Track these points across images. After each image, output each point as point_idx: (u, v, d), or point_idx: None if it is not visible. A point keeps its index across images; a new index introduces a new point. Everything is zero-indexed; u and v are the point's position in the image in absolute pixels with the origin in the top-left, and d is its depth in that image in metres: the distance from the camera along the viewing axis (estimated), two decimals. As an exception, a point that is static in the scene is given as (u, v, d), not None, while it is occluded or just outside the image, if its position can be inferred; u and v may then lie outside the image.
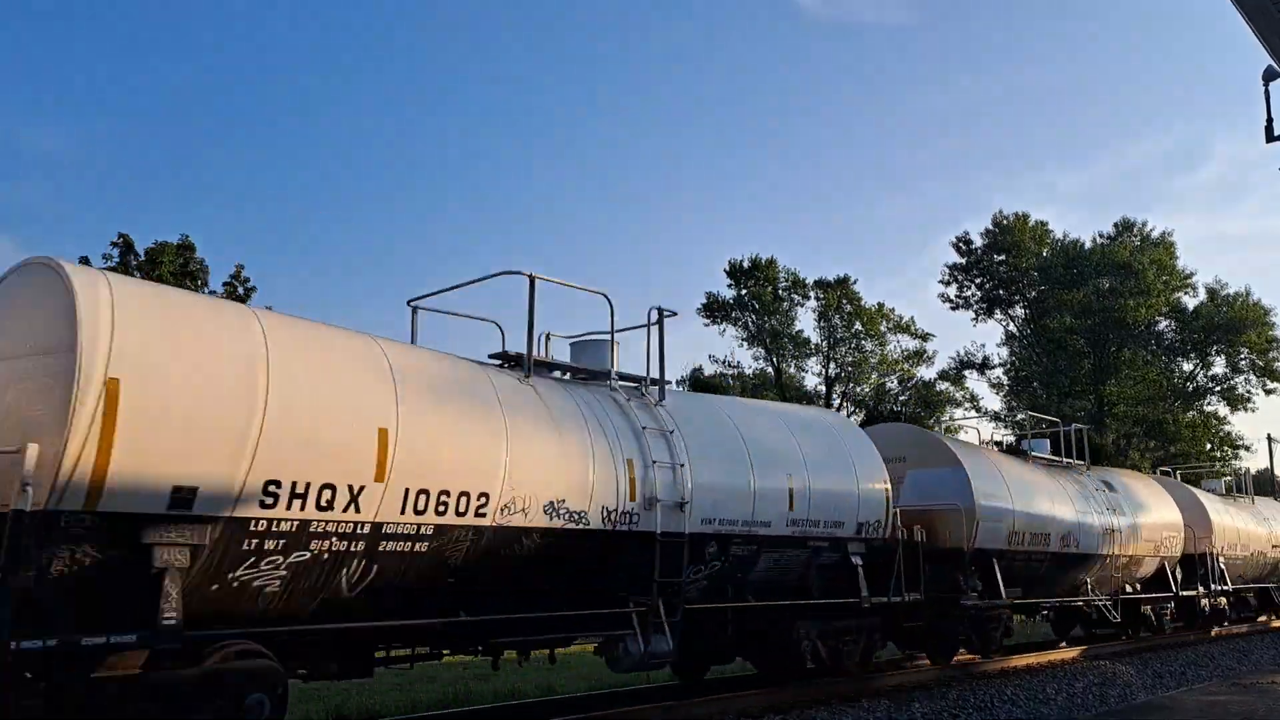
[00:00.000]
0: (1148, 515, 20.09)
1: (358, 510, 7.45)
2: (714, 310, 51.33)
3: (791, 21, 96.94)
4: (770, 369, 50.96)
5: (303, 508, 7.12)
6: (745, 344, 51.43)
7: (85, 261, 33.37)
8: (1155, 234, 51.37)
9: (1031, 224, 52.03)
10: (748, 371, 51.97)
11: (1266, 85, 12.07)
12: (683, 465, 10.25)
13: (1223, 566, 22.94)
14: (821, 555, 12.10)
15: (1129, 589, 19.80)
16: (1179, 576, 21.41)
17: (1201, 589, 22.01)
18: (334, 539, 7.37)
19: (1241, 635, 23.99)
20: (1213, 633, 23.47)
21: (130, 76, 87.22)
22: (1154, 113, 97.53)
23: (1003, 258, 51.98)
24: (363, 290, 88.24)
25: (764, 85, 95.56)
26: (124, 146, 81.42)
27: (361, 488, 7.45)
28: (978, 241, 52.65)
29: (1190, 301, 50.73)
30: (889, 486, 13.03)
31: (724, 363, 51.88)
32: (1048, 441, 20.00)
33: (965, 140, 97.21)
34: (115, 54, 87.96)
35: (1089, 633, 21.17)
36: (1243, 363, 49.57)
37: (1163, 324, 50.42)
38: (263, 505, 6.91)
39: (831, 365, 50.51)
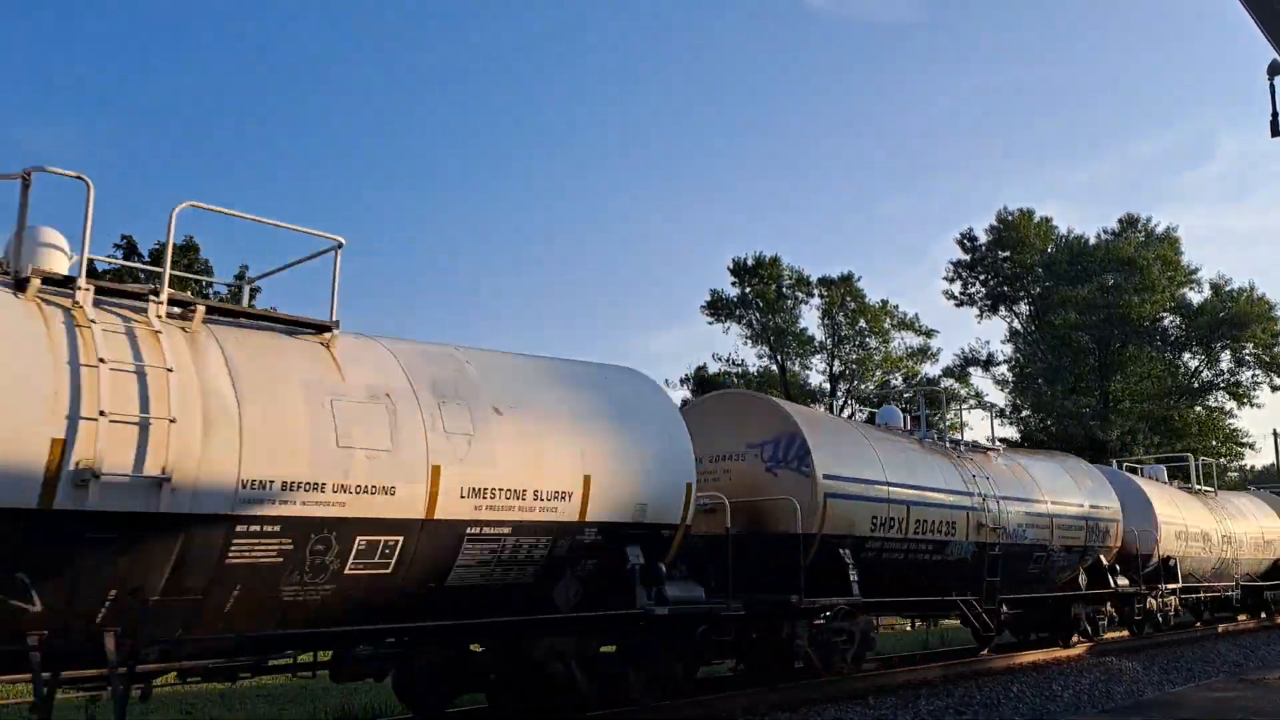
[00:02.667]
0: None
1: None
2: (718, 308, 51.36)
3: (799, 18, 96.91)
4: (774, 367, 50.96)
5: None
6: (749, 342, 51.48)
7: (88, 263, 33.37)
8: (1160, 230, 51.29)
9: (1036, 220, 51.96)
10: (752, 370, 51.99)
11: (1271, 80, 12.00)
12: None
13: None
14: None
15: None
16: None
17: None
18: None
19: (1249, 631, 23.96)
20: (1220, 629, 23.45)
21: (132, 77, 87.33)
22: (1159, 108, 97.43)
23: (1007, 254, 51.91)
24: (363, 290, 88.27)
25: (770, 82, 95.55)
26: (126, 147, 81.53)
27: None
28: (982, 238, 52.62)
29: (1195, 298, 50.65)
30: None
31: (728, 361, 51.92)
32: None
33: (971, 137, 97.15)
34: (117, 55, 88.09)
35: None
36: (1248, 358, 49.45)
37: (1167, 320, 50.30)
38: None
39: (836, 363, 50.51)
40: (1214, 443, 48.65)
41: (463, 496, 8.34)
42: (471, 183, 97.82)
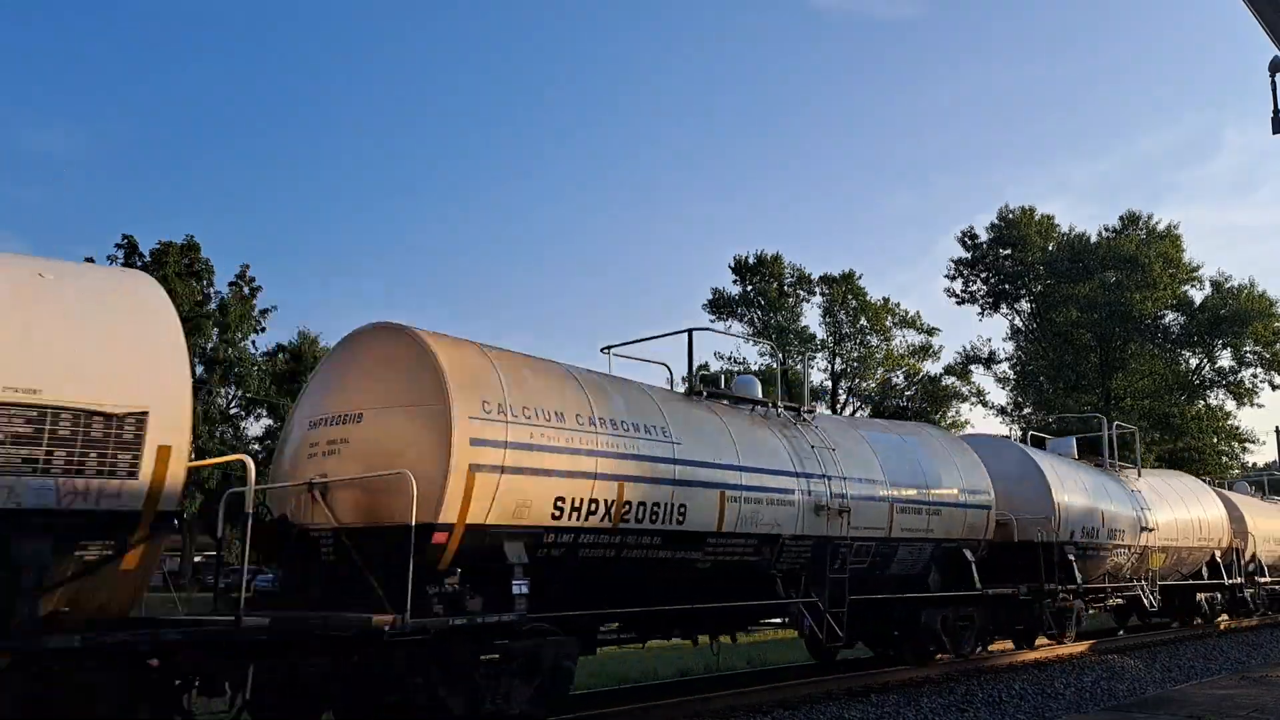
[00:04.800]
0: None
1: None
2: (720, 306, 51.33)
3: (802, 15, 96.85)
4: (775, 365, 50.94)
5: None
6: (751, 340, 51.44)
7: (89, 262, 33.43)
8: (1161, 227, 51.22)
9: (1038, 218, 51.92)
10: (753, 367, 51.97)
11: (1274, 76, 11.99)
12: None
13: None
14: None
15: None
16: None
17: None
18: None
19: (1251, 629, 23.93)
20: (1221, 626, 23.42)
21: (134, 78, 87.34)
22: (1164, 104, 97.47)
23: (1008, 252, 51.88)
24: (363, 289, 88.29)
25: (773, 80, 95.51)
26: (128, 147, 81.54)
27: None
28: (983, 236, 52.58)
29: (1197, 295, 50.59)
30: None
31: (729, 359, 51.91)
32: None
33: (975, 134, 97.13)
34: (119, 56, 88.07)
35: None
36: (1248, 355, 49.39)
37: (1169, 317, 50.25)
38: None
39: (837, 360, 50.47)
40: (1215, 440, 48.63)
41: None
42: (474, 183, 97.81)
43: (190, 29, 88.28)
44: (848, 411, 49.11)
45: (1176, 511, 20.99)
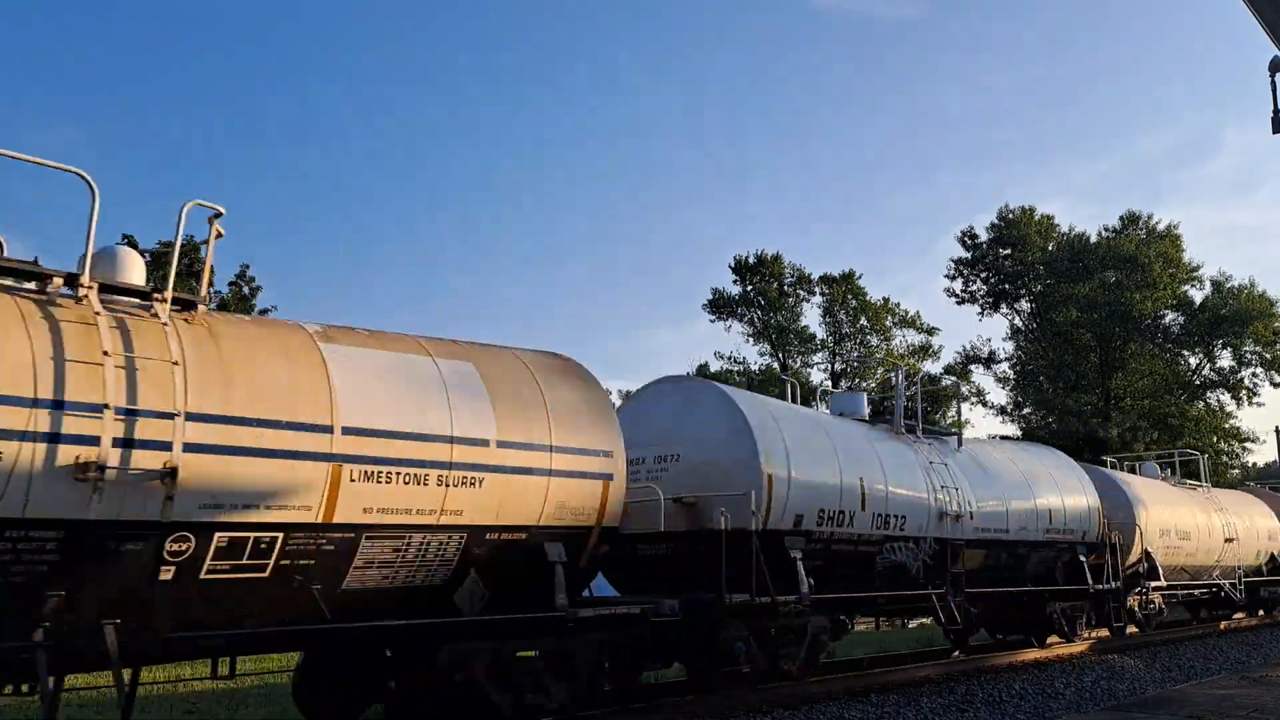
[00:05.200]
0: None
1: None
2: (720, 306, 51.33)
3: (802, 15, 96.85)
4: (776, 364, 50.93)
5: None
6: (751, 340, 51.46)
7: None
8: (1161, 226, 51.21)
9: (1037, 217, 51.90)
10: (753, 367, 51.99)
11: (1273, 76, 11.98)
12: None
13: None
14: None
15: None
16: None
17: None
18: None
19: (1251, 628, 23.94)
20: (1221, 626, 23.43)
21: (134, 77, 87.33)
22: (1165, 104, 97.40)
23: (1008, 252, 51.86)
24: (364, 289, 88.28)
25: (773, 80, 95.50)
26: (128, 147, 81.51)
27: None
28: (983, 235, 52.57)
29: (1197, 295, 50.59)
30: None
31: (729, 359, 51.92)
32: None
33: (974, 134, 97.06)
34: (119, 55, 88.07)
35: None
36: (1248, 355, 49.38)
37: (1169, 317, 50.24)
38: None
39: (837, 360, 50.46)
40: (1215, 439, 48.60)
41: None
42: (474, 182, 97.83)
43: (190, 29, 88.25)
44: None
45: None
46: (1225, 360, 49.99)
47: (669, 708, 10.43)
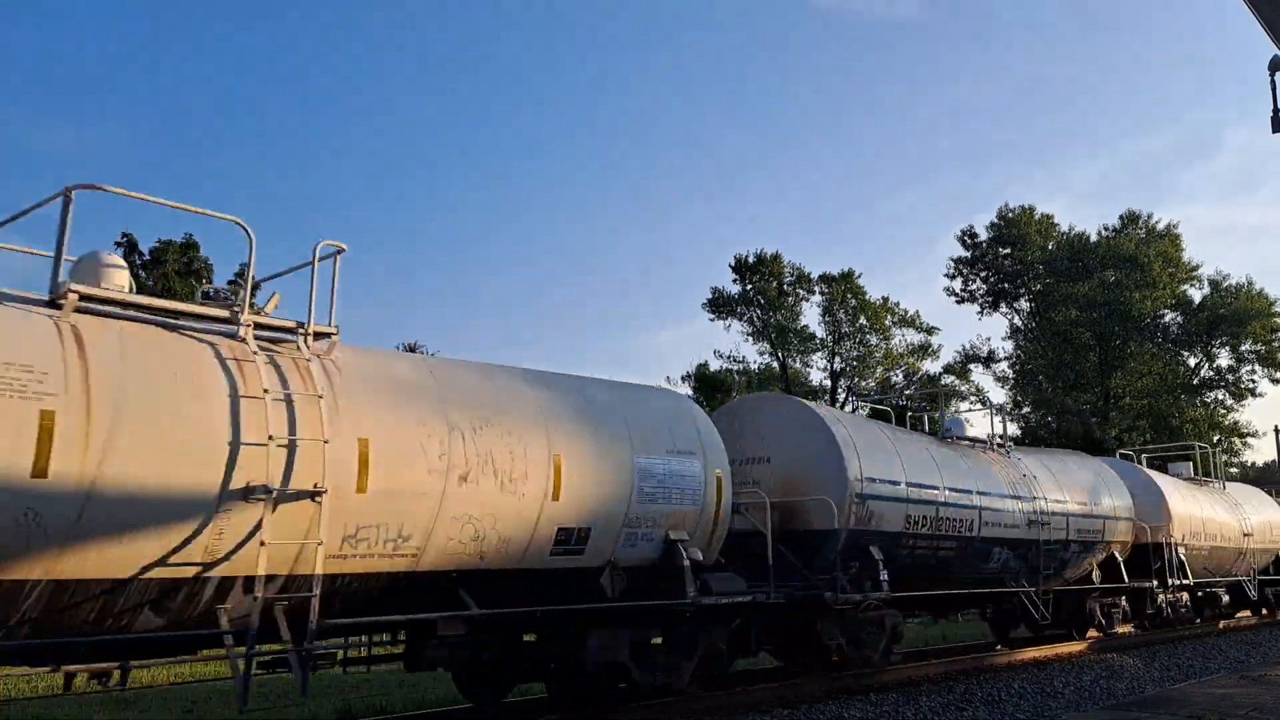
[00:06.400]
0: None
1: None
2: (719, 306, 51.33)
3: (801, 15, 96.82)
4: (775, 364, 50.93)
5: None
6: (750, 339, 51.46)
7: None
8: (1161, 226, 51.22)
9: (1037, 217, 51.91)
10: (753, 366, 51.99)
11: (1273, 75, 11.99)
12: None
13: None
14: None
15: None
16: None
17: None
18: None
19: (1250, 628, 23.94)
20: (1220, 625, 23.43)
21: (135, 77, 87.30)
22: (1165, 103, 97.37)
23: (1008, 251, 51.86)
24: (364, 287, 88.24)
25: (774, 79, 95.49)
26: (129, 146, 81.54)
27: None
28: (983, 235, 52.57)
29: (1196, 294, 50.59)
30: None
31: (729, 358, 51.92)
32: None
33: (975, 133, 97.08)
34: (120, 55, 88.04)
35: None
36: (1247, 354, 49.40)
37: (1168, 316, 50.24)
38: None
39: (836, 360, 50.46)
40: (1215, 437, 48.60)
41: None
42: (474, 182, 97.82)
43: (190, 29, 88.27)
44: (846, 409, 49.08)
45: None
46: (1224, 359, 50.05)
47: (671, 705, 10.42)
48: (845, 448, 12.73)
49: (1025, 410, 50.70)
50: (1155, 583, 19.67)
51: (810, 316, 51.90)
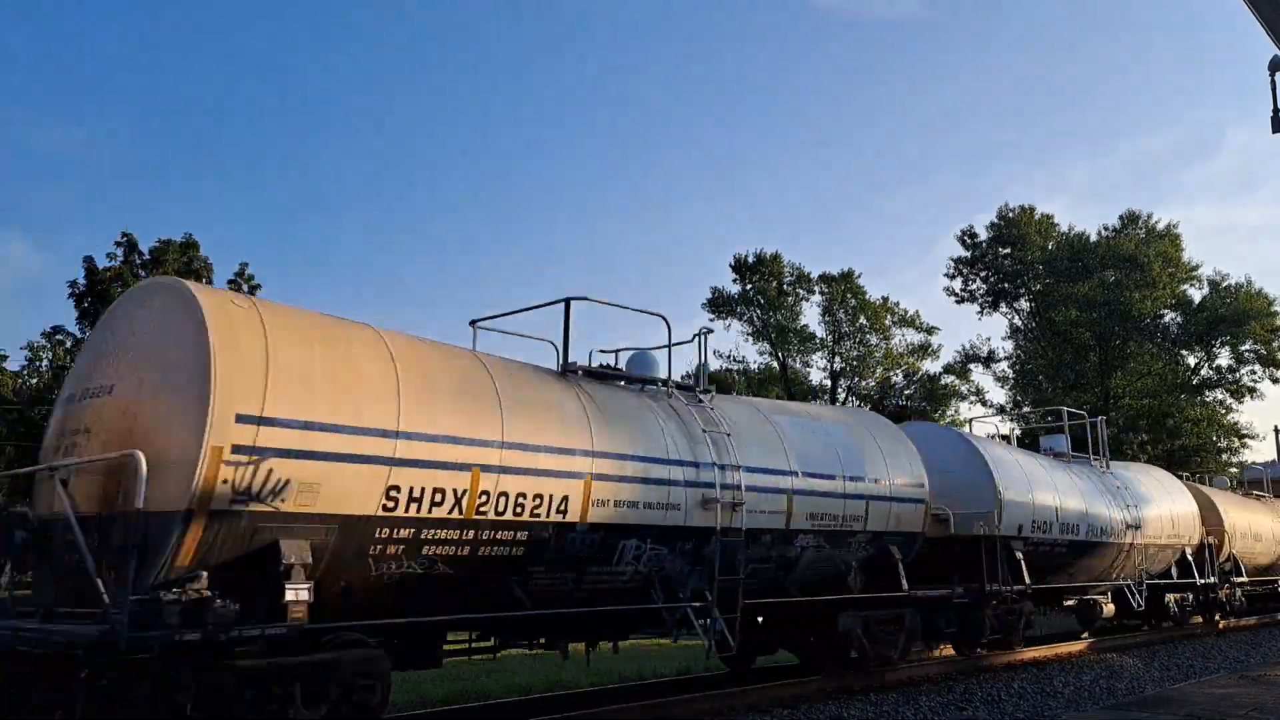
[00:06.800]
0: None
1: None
2: (719, 305, 51.35)
3: (800, 14, 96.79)
4: (775, 364, 50.95)
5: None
6: (750, 339, 51.48)
7: (89, 260, 33.41)
8: (1160, 226, 51.24)
9: (1037, 217, 51.91)
10: (753, 366, 52.00)
11: (1273, 75, 12.00)
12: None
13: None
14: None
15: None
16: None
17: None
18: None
19: (1249, 628, 23.94)
20: (1220, 625, 23.42)
21: (135, 77, 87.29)
22: (1166, 103, 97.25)
23: (1008, 251, 51.87)
24: (363, 288, 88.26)
25: (772, 79, 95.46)
26: (129, 145, 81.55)
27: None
28: (983, 235, 52.58)
29: (1196, 294, 50.60)
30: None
31: (729, 358, 51.93)
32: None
33: (976, 133, 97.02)
34: (120, 55, 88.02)
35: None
36: (1247, 354, 49.41)
37: (1168, 316, 50.25)
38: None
39: (836, 359, 50.47)
40: (1214, 437, 48.61)
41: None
42: (472, 180, 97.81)
43: (190, 29, 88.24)
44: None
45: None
46: (1224, 359, 50.06)
47: (669, 705, 10.42)
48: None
49: (1025, 410, 50.70)
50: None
51: (810, 316, 51.99)
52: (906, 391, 51.01)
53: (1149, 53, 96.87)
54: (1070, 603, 18.97)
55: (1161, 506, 20.29)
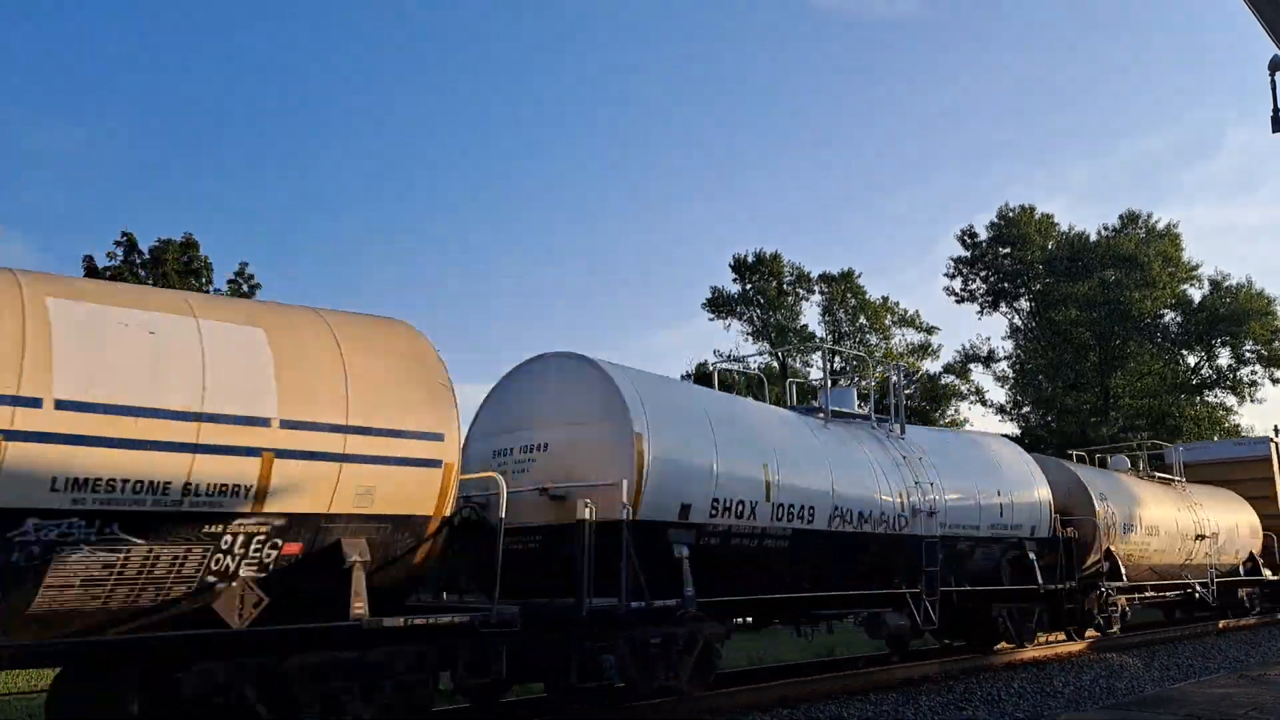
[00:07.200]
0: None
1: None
2: (718, 305, 51.33)
3: (800, 14, 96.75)
4: (775, 363, 50.96)
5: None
6: (750, 339, 51.47)
7: (89, 260, 33.40)
8: (1160, 226, 51.22)
9: (1037, 216, 51.90)
10: (752, 366, 51.96)
11: (1273, 75, 12.01)
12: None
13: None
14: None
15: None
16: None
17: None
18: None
19: (1249, 628, 23.94)
20: (1220, 625, 23.43)
21: (135, 77, 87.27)
22: (1166, 103, 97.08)
23: (1007, 250, 51.85)
24: (363, 286, 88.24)
25: (772, 79, 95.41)
26: (129, 145, 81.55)
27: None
28: (983, 234, 52.56)
29: (1196, 294, 50.58)
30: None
31: (728, 358, 51.92)
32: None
33: (975, 133, 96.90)
34: (120, 55, 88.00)
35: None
36: (1247, 354, 49.39)
37: (1168, 316, 50.25)
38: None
39: (836, 359, 50.46)
40: (1215, 438, 48.54)
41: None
42: (472, 180, 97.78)
43: (190, 29, 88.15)
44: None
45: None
46: (1224, 359, 50.03)
47: (671, 704, 10.40)
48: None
49: (1025, 410, 50.75)
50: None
51: (810, 316, 51.94)
52: (907, 391, 51.02)
53: (1149, 53, 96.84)
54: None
55: (973, 483, 15.21)
